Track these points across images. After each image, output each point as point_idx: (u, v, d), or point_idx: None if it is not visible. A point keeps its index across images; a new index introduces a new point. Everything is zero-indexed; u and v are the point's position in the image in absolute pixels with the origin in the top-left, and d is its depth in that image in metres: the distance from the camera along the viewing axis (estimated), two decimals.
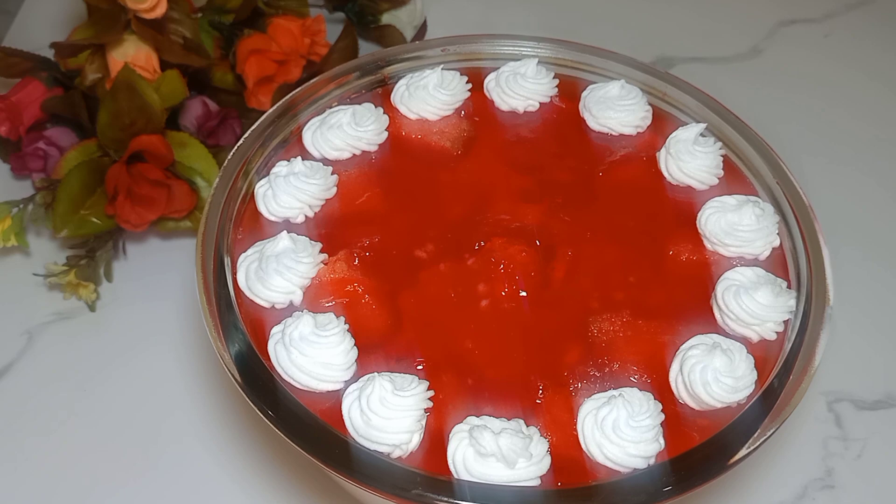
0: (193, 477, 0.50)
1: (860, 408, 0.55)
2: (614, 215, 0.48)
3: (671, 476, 0.38)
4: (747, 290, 0.43)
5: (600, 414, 0.39)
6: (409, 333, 0.43)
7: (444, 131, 0.52)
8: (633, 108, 0.53)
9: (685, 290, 0.46)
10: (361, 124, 0.50)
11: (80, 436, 0.52)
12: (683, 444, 0.40)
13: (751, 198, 0.48)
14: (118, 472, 0.50)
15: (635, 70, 0.55)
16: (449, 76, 0.53)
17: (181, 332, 0.56)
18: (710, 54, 0.76)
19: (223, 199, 0.46)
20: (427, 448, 0.39)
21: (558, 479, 0.38)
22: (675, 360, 0.42)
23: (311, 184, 0.47)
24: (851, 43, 0.78)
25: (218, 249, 0.44)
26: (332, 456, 0.38)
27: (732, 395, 0.41)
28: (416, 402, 0.39)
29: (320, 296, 0.44)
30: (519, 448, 0.37)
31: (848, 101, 0.73)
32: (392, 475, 0.37)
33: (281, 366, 0.41)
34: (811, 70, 0.75)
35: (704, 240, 0.47)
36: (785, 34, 0.78)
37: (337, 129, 0.50)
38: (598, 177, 0.51)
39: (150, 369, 0.54)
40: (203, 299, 0.42)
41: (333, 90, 0.53)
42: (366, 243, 0.46)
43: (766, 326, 0.43)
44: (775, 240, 0.47)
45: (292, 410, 0.39)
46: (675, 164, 0.50)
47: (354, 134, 0.50)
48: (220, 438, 0.52)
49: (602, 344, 0.43)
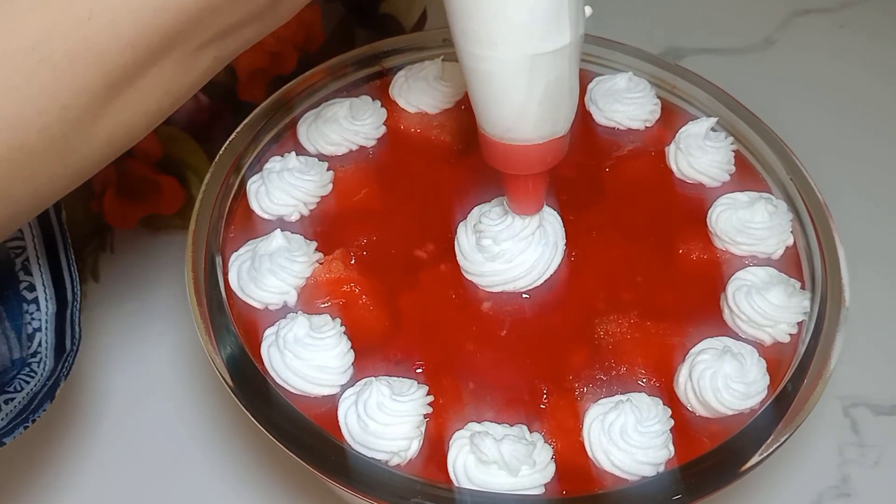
0: (185, 482, 0.50)
1: (877, 413, 0.54)
2: (621, 212, 0.48)
3: (681, 484, 0.37)
4: (759, 291, 0.43)
5: (607, 419, 0.39)
6: (408, 336, 0.42)
7: (444, 125, 0.51)
8: (641, 101, 0.52)
9: (695, 290, 0.45)
10: (358, 118, 0.49)
11: (68, 439, 0.51)
12: (693, 450, 0.39)
13: (763, 194, 0.48)
14: (106, 476, 0.50)
15: (644, 62, 0.55)
16: (450, 67, 0.52)
17: (171, 334, 0.55)
18: (722, 45, 0.75)
19: (214, 196, 0.46)
20: (426, 455, 0.39)
21: (563, 488, 0.38)
22: (683, 365, 0.41)
23: (306, 180, 0.46)
24: (868, 33, 0.76)
25: (209, 248, 0.44)
26: (328, 463, 0.37)
27: (744, 402, 0.40)
28: (416, 408, 0.38)
29: (316, 296, 0.43)
30: (522, 455, 0.37)
31: (864, 94, 0.72)
32: (390, 483, 0.37)
33: (275, 369, 0.40)
34: (826, 62, 0.74)
35: (715, 238, 0.47)
36: (799, 24, 0.77)
37: (333, 123, 0.49)
38: (605, 172, 0.50)
39: (139, 372, 0.54)
40: (193, 300, 0.42)
41: (329, 82, 0.52)
42: (363, 242, 0.45)
43: (779, 328, 0.43)
44: (789, 238, 0.47)
45: (286, 416, 0.38)
46: (684, 159, 0.49)
47: (351, 128, 0.49)
48: (212, 444, 0.51)
49: (609, 346, 0.42)
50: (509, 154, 0.40)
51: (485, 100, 0.38)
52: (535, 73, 0.37)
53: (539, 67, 0.36)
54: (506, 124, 0.39)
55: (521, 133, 0.39)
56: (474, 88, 0.39)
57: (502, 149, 0.40)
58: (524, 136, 0.39)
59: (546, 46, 0.36)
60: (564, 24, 0.36)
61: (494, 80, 0.37)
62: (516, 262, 0.42)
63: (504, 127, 0.39)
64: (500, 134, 0.39)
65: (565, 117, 0.40)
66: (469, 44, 0.36)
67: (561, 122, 0.40)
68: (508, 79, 0.37)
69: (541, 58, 0.36)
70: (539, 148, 0.40)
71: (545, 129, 0.39)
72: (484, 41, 0.36)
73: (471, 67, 0.38)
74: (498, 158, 0.41)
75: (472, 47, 0.36)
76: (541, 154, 0.40)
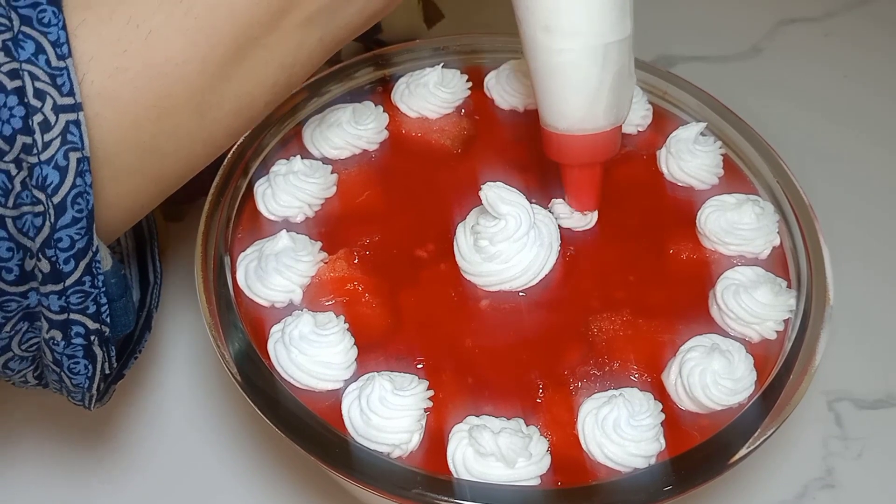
0: (193, 475, 0.50)
1: (861, 407, 0.55)
2: (614, 214, 0.48)
3: (671, 475, 0.38)
4: (747, 290, 0.43)
5: (601, 413, 0.39)
6: (409, 332, 0.43)
7: (444, 129, 0.52)
8: (633, 106, 0.52)
9: (685, 289, 0.45)
10: (361, 122, 0.50)
11: (75, 434, 0.51)
12: (684, 443, 0.39)
13: (751, 197, 0.48)
14: (114, 471, 0.50)
15: (636, 69, 0.53)
16: (449, 74, 0.53)
17: (180, 330, 0.55)
18: (711, 53, 0.75)
19: (223, 198, 0.46)
20: (427, 448, 0.39)
21: (558, 479, 0.38)
22: (674, 361, 0.42)
23: (311, 182, 0.47)
24: (852, 42, 0.77)
25: (218, 248, 0.44)
26: (332, 455, 0.38)
27: (732, 397, 0.41)
28: (416, 402, 0.39)
29: (320, 294, 0.43)
30: (518, 447, 0.37)
31: (848, 99, 0.73)
32: (392, 475, 0.37)
33: (281, 365, 0.40)
34: (811, 69, 0.75)
35: (704, 238, 0.47)
36: (785, 33, 0.78)
37: (336, 128, 0.50)
38: None
39: (148, 368, 0.54)
40: (203, 298, 0.42)
41: (333, 88, 0.53)
42: (366, 242, 0.46)
43: (766, 326, 0.43)
44: (775, 239, 0.47)
45: (292, 410, 0.39)
46: (675, 163, 0.50)
47: (354, 132, 0.50)
48: (219, 437, 0.51)
49: (602, 343, 0.43)
50: (580, 145, 0.43)
51: (561, 92, 0.41)
52: (607, 61, 0.40)
53: (610, 56, 0.40)
54: (579, 114, 0.42)
55: (593, 121, 0.42)
56: (549, 83, 0.41)
57: (573, 141, 0.43)
58: (595, 124, 0.42)
59: (616, 35, 0.40)
60: (627, 16, 0.40)
61: (572, 71, 0.40)
62: (512, 263, 0.43)
63: (577, 118, 0.42)
64: (572, 125, 0.42)
65: (627, 103, 0.43)
66: (550, 38, 0.40)
67: (625, 108, 0.43)
68: (586, 68, 0.40)
69: (612, 46, 0.40)
70: (607, 135, 0.43)
71: (613, 116, 0.42)
72: (566, 32, 0.39)
73: (548, 63, 0.41)
74: (568, 151, 0.43)
75: (553, 41, 0.40)
76: (608, 140, 0.43)
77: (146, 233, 0.45)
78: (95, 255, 0.33)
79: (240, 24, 0.33)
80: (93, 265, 0.33)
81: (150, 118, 0.33)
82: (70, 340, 0.34)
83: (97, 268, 0.33)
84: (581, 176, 0.45)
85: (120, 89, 0.32)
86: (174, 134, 0.34)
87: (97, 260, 0.33)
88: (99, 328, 0.35)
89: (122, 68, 0.32)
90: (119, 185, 0.34)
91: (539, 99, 0.43)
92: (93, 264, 0.33)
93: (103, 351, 0.36)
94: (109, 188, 0.34)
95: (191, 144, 0.35)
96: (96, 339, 0.35)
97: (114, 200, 0.34)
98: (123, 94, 0.32)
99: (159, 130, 0.33)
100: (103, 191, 0.33)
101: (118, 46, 0.31)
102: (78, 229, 0.32)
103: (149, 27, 0.32)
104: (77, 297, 0.33)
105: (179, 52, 0.32)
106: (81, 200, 0.31)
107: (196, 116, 0.34)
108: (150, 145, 0.33)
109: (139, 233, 0.45)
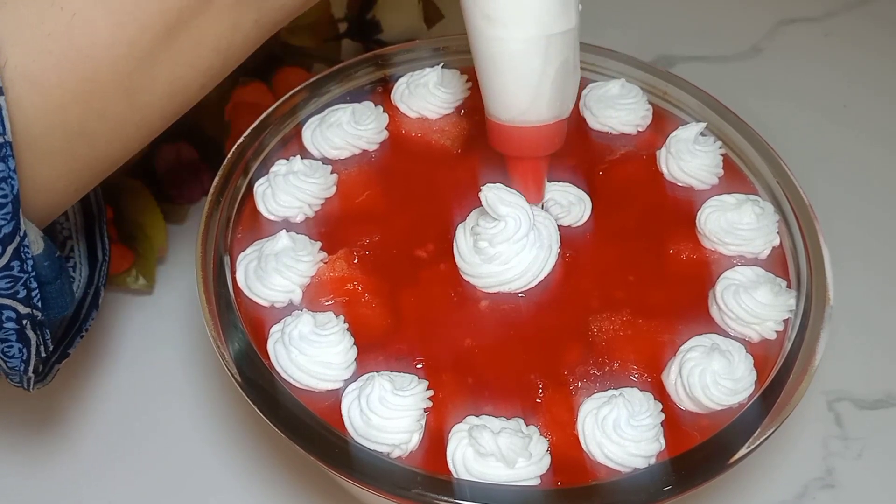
0: (193, 475, 0.50)
1: (861, 407, 0.55)
2: (614, 214, 0.48)
3: (671, 475, 0.38)
4: (747, 290, 0.43)
5: (601, 413, 0.39)
6: (408, 332, 0.43)
7: (444, 130, 0.52)
8: (633, 107, 0.53)
9: (685, 288, 0.45)
10: (361, 123, 0.50)
11: (77, 432, 0.51)
12: (684, 443, 0.39)
13: (750, 197, 0.48)
14: (113, 469, 0.50)
15: (636, 69, 0.55)
16: (449, 74, 0.53)
17: (180, 330, 0.55)
18: (711, 53, 0.76)
19: (222, 198, 0.46)
20: (427, 448, 0.39)
21: (558, 479, 0.38)
22: (673, 361, 0.42)
23: (311, 183, 0.47)
24: (851, 41, 0.77)
25: (218, 248, 0.44)
26: (332, 455, 0.38)
27: (732, 397, 0.41)
28: (416, 402, 0.39)
29: (320, 295, 0.43)
30: (518, 447, 0.37)
31: (847, 99, 0.73)
32: (392, 475, 0.37)
33: (280, 365, 0.40)
34: (811, 68, 0.75)
35: (704, 239, 0.47)
36: (785, 33, 0.78)
37: (336, 128, 0.50)
38: (598, 175, 0.50)
39: (149, 367, 0.54)
40: (203, 298, 0.42)
41: (333, 88, 0.53)
42: (366, 242, 0.46)
43: (766, 326, 0.43)
44: (775, 239, 0.47)
45: (292, 410, 0.39)
46: (675, 163, 0.50)
47: (354, 132, 0.50)
48: (219, 437, 0.51)
49: (602, 343, 0.43)
50: (523, 136, 0.42)
51: (502, 82, 0.41)
52: (549, 53, 0.39)
53: (553, 48, 0.39)
54: (521, 106, 0.41)
55: (536, 114, 0.41)
56: (491, 73, 0.41)
57: (516, 132, 0.42)
58: (538, 117, 0.42)
59: (559, 27, 0.39)
60: (571, 9, 0.39)
61: (513, 62, 0.40)
62: (512, 264, 0.43)
63: (519, 109, 0.41)
64: (514, 117, 0.42)
65: (571, 97, 0.43)
66: (490, 27, 0.39)
67: (568, 102, 0.42)
68: (528, 59, 0.40)
69: (555, 38, 0.39)
70: (550, 128, 0.42)
71: (556, 109, 0.42)
72: (507, 22, 0.38)
73: (489, 52, 0.40)
74: (510, 142, 0.43)
75: (494, 30, 0.39)
76: (551, 134, 0.42)
77: (95, 209, 0.44)
78: (23, 239, 0.32)
79: (168, 6, 0.32)
80: (21, 250, 0.32)
81: (78, 101, 0.32)
82: (2, 325, 0.34)
83: (26, 252, 0.33)
84: (525, 168, 0.44)
85: (44, 73, 0.31)
86: (103, 117, 0.33)
87: (26, 244, 0.33)
88: (31, 312, 0.34)
89: (46, 51, 0.31)
90: (49, 169, 0.34)
91: (482, 89, 0.42)
92: (21, 249, 0.32)
93: (37, 334, 0.36)
94: (38, 171, 0.33)
95: (122, 127, 0.34)
96: (28, 324, 0.35)
97: (44, 183, 0.34)
98: (48, 78, 0.31)
99: (87, 114, 0.33)
100: (31, 174, 0.33)
101: (41, 29, 0.31)
102: (3, 214, 0.31)
103: (72, 9, 0.31)
104: (6, 283, 0.33)
105: (106, 35, 0.32)
106: (5, 185, 0.31)
107: (126, 99, 0.33)
108: (79, 128, 0.33)
109: (88, 209, 0.44)
